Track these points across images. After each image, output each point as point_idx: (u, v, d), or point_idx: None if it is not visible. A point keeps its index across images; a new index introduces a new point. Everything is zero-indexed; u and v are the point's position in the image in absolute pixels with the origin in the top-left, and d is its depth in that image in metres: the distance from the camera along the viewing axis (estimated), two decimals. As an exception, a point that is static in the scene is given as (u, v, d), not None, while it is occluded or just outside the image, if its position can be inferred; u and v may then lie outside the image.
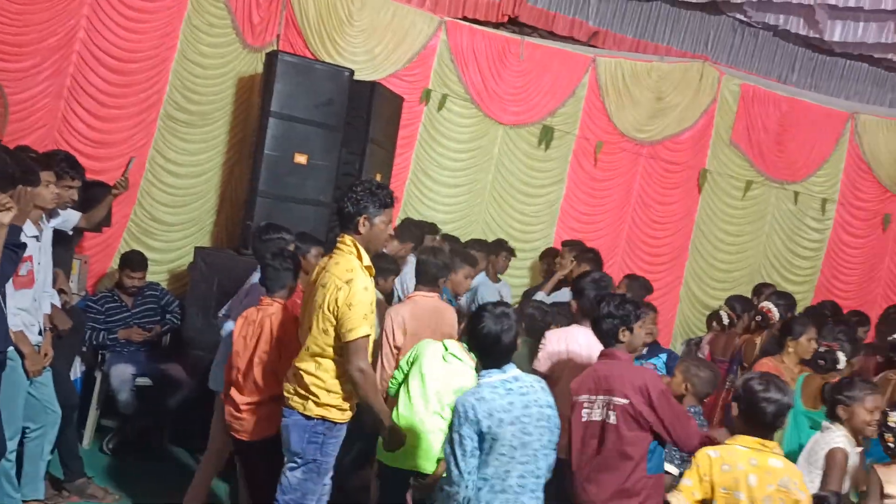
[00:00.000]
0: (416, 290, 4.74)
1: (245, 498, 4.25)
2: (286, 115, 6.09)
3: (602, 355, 3.89)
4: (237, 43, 6.79)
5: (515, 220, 7.96)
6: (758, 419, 3.29)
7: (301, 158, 6.20)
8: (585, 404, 3.79)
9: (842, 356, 4.94)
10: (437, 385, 4.03)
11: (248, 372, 3.98)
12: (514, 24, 8.00)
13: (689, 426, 3.70)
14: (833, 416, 4.14)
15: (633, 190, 8.30)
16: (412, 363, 4.13)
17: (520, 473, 3.18)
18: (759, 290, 7.47)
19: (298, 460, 3.58)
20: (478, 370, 3.41)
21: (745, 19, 8.47)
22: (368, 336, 3.48)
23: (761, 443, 3.26)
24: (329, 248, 3.96)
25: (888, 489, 3.77)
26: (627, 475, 3.75)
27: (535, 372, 4.22)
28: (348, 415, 3.64)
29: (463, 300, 5.98)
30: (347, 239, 3.57)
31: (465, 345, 3.82)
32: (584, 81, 7.94)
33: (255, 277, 4.58)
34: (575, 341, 4.43)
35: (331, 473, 3.71)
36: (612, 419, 3.69)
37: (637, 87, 8.08)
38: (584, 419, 3.78)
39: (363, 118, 6.46)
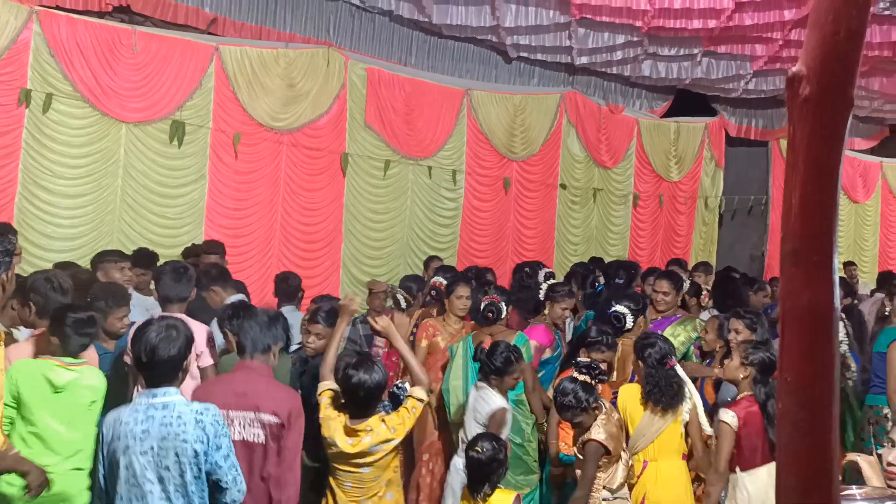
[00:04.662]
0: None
1: None
2: None
3: (239, 367, 3.34)
4: None
5: (156, 226, 6.92)
6: (351, 401, 3.31)
7: None
8: (236, 421, 3.17)
9: (504, 306, 5.06)
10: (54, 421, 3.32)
11: None
12: (121, 13, 6.89)
13: (297, 465, 3.27)
14: (486, 379, 4.28)
15: (280, 179, 7.72)
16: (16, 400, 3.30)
17: None
18: (427, 263, 7.58)
19: None
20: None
21: (360, 4, 8.29)
22: None
23: (353, 429, 3.28)
24: None
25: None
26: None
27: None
28: None
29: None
30: None
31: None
32: (211, 71, 7.12)
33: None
34: None
35: None
36: (261, 439, 3.14)
37: (267, 75, 7.48)
38: (236, 438, 3.14)
39: (-57, 127, 5.05)
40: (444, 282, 6.12)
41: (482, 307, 5.05)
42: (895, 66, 9.49)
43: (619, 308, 5.09)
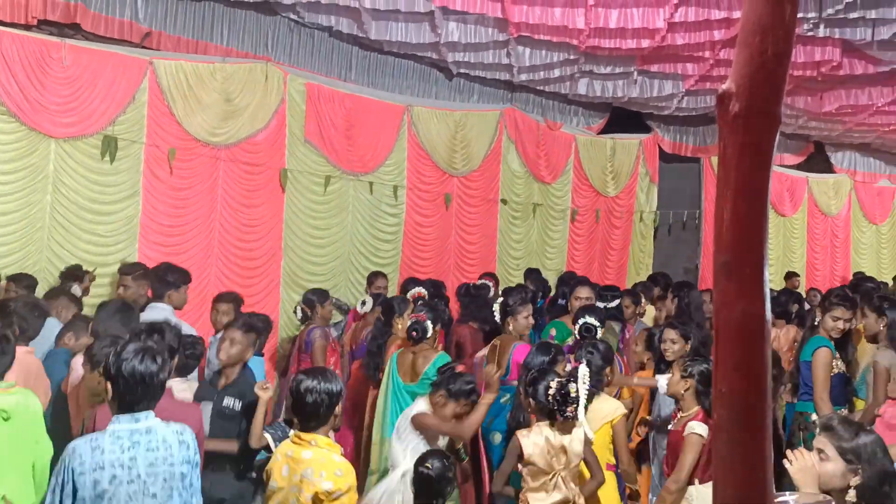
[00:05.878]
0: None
1: None
2: None
3: None
4: None
5: (88, 244, 6.68)
6: (298, 410, 3.21)
7: None
8: None
9: (430, 325, 4.96)
10: None
11: None
12: (50, 25, 6.68)
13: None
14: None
15: (217, 195, 7.57)
16: None
17: None
18: (371, 280, 7.71)
19: None
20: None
21: (299, 20, 8.24)
22: None
23: (299, 436, 3.19)
24: None
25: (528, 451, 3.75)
26: None
27: None
28: None
29: None
30: None
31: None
32: (145, 86, 6.95)
33: None
34: None
35: None
36: None
37: (203, 90, 7.34)
38: None
39: None
40: (425, 291, 6.21)
41: (408, 325, 5.02)
42: (819, 84, 9.89)
43: (591, 320, 5.24)
